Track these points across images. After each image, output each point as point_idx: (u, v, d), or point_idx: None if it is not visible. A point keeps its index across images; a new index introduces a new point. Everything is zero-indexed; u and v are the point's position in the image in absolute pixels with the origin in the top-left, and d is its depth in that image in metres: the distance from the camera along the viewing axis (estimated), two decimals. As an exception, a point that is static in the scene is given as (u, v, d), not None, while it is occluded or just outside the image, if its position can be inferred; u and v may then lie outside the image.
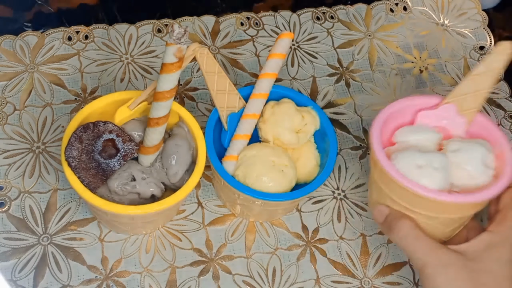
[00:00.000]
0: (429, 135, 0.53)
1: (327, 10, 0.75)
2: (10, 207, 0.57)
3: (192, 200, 0.60)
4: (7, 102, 0.62)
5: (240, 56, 0.70)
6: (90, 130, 0.51)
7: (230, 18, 0.72)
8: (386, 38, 0.74)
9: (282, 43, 0.56)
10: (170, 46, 0.45)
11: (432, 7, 0.78)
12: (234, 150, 0.55)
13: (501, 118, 0.70)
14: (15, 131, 0.61)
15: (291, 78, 0.69)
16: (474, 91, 0.53)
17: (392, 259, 0.60)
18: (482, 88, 0.53)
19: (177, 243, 0.57)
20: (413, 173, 0.49)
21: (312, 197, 0.62)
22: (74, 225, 0.57)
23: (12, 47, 0.66)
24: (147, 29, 0.70)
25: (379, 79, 0.71)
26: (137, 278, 0.55)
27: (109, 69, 0.66)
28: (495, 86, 0.73)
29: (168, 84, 0.48)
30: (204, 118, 0.64)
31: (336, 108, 0.68)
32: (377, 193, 0.53)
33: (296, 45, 0.72)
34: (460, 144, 0.52)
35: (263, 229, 0.59)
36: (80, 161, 0.50)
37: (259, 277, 0.57)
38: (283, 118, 0.55)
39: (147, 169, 0.53)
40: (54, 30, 0.68)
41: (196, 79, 0.67)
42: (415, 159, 0.50)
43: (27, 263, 0.55)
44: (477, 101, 0.53)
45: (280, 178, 0.54)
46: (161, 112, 0.49)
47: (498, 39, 0.77)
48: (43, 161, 0.60)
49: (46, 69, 0.65)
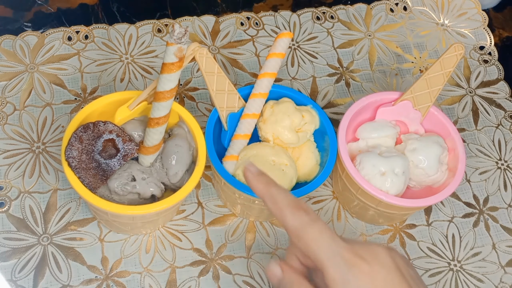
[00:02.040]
0: (388, 131, 0.59)
1: (327, 10, 0.75)
2: (10, 207, 0.57)
3: (192, 200, 0.60)
4: (7, 102, 0.62)
5: (240, 56, 0.70)
6: (90, 130, 0.51)
7: (230, 18, 0.72)
8: (386, 38, 0.74)
9: (281, 42, 0.56)
10: (171, 46, 0.45)
11: (432, 7, 0.78)
12: (234, 150, 0.55)
13: (501, 118, 0.70)
14: (15, 131, 0.61)
15: (291, 78, 0.69)
16: (428, 89, 0.59)
17: (392, 259, 0.60)
18: (435, 86, 0.59)
19: (177, 243, 0.57)
20: (376, 179, 0.55)
21: (312, 197, 0.62)
22: (74, 225, 0.57)
23: (12, 47, 0.66)
24: (147, 29, 0.70)
25: (379, 79, 0.71)
26: (137, 278, 0.55)
27: (109, 69, 0.66)
28: (495, 86, 0.73)
29: (169, 84, 0.48)
30: (204, 118, 0.64)
31: (336, 108, 0.68)
32: (342, 187, 0.59)
33: (296, 45, 0.72)
34: (417, 144, 0.58)
35: (263, 229, 0.59)
36: (80, 161, 0.50)
37: (259, 277, 0.57)
38: (283, 117, 0.55)
39: (147, 169, 0.53)
40: (54, 30, 0.68)
41: (196, 79, 0.67)
42: (378, 165, 0.55)
43: (27, 263, 0.55)
44: (430, 98, 0.59)
45: (281, 177, 0.54)
46: (162, 112, 0.49)
47: (498, 39, 0.77)
48: (43, 161, 0.60)
49: (46, 69, 0.65)
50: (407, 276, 0.41)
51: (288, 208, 0.41)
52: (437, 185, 0.58)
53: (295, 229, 0.41)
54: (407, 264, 0.42)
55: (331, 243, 0.40)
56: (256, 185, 0.44)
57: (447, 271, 0.60)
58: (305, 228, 0.40)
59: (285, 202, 0.42)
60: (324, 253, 0.39)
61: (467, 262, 0.61)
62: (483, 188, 0.65)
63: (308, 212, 0.41)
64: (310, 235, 0.40)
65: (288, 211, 0.41)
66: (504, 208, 0.65)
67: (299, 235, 0.40)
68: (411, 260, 0.60)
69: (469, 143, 0.68)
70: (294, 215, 0.41)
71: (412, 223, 0.62)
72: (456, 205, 0.64)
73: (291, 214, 0.41)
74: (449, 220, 0.63)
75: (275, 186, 0.43)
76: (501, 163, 0.67)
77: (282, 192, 0.42)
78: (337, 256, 0.39)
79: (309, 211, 0.41)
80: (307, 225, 0.40)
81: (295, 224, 0.41)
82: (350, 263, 0.39)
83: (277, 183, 0.43)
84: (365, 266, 0.39)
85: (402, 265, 0.41)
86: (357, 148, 0.59)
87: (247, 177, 0.44)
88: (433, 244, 0.61)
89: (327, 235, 0.40)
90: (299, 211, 0.41)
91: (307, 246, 0.40)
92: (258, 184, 0.44)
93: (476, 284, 0.60)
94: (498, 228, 0.63)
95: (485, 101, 0.71)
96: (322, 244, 0.40)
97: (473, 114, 0.70)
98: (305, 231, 0.40)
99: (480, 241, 0.62)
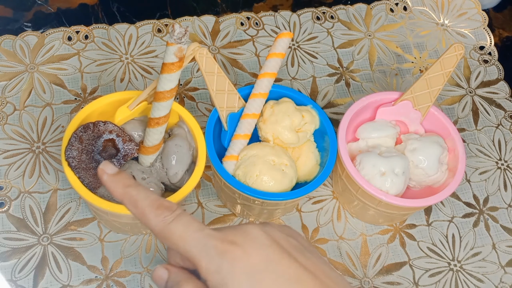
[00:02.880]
0: (388, 131, 0.59)
1: (327, 10, 0.75)
2: (10, 207, 0.57)
3: (192, 200, 0.60)
4: (7, 102, 0.62)
5: (240, 56, 0.70)
6: (90, 130, 0.51)
7: (230, 18, 0.72)
8: (386, 38, 0.74)
9: (281, 42, 0.56)
10: (171, 46, 0.45)
11: (432, 7, 0.78)
12: (234, 150, 0.55)
13: (501, 118, 0.70)
14: (15, 131, 0.61)
15: (291, 78, 0.69)
16: (428, 89, 0.59)
17: (392, 259, 0.60)
18: (435, 86, 0.59)
19: (177, 243, 0.57)
20: (376, 179, 0.55)
21: (312, 197, 0.62)
22: (74, 225, 0.57)
23: (12, 47, 0.66)
24: (147, 29, 0.70)
25: (379, 79, 0.71)
26: (137, 278, 0.55)
27: (109, 69, 0.66)
28: (495, 86, 0.73)
29: (169, 84, 0.48)
30: (204, 118, 0.64)
31: (336, 108, 0.68)
32: (342, 187, 0.59)
33: (296, 45, 0.72)
34: (417, 144, 0.58)
35: (263, 229, 0.59)
36: (80, 161, 0.50)
37: (259, 277, 0.57)
38: (283, 117, 0.55)
39: (147, 169, 0.53)
40: (54, 30, 0.68)
41: (196, 79, 0.67)
42: (378, 165, 0.55)
43: (27, 263, 0.55)
44: (430, 98, 0.59)
45: (281, 177, 0.53)
46: (162, 112, 0.49)
47: (498, 39, 0.77)
48: (43, 161, 0.60)
49: (46, 69, 0.65)
50: (288, 247, 0.38)
51: (149, 208, 0.39)
52: (437, 185, 0.58)
53: (160, 230, 0.38)
54: (288, 235, 0.40)
55: (198, 235, 0.37)
56: (115, 189, 0.41)
57: (447, 271, 0.60)
58: (169, 226, 0.38)
59: (146, 203, 0.39)
60: (193, 247, 0.37)
61: (467, 262, 0.61)
62: (483, 188, 0.65)
63: (172, 209, 0.38)
64: (176, 232, 0.38)
65: (150, 212, 0.39)
66: (504, 208, 0.65)
67: (166, 236, 0.38)
68: (411, 260, 0.60)
69: (469, 143, 0.68)
70: (157, 215, 0.38)
71: (412, 223, 0.62)
72: (456, 205, 0.64)
73: (154, 214, 0.38)
74: (449, 220, 0.63)
75: (135, 186, 0.40)
76: (501, 163, 0.67)
77: (142, 192, 0.40)
78: (207, 247, 0.37)
79: (173, 207, 0.39)
80: (171, 223, 0.38)
81: (159, 225, 0.38)
82: (222, 251, 0.37)
83: (137, 183, 0.41)
84: (237, 249, 0.37)
85: (280, 237, 0.39)
86: (357, 148, 0.59)
87: (102, 179, 0.41)
88: (433, 244, 0.61)
89: (194, 228, 0.38)
90: (161, 210, 0.39)
91: (176, 245, 0.38)
92: (117, 188, 0.41)
93: (476, 284, 0.60)
94: (498, 228, 0.63)
95: (485, 101, 0.71)
96: (189, 238, 0.37)
97: (473, 114, 0.70)
98: (170, 230, 0.38)
99: (480, 241, 0.62)
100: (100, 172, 0.42)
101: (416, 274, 0.59)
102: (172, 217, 0.38)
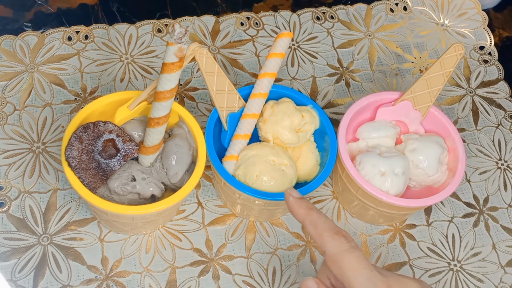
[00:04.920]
0: (388, 131, 0.59)
1: (327, 10, 0.75)
2: (10, 207, 0.57)
3: (192, 200, 0.60)
4: (7, 102, 0.62)
5: (240, 56, 0.70)
6: (90, 130, 0.51)
7: (230, 18, 0.72)
8: (386, 38, 0.74)
9: (281, 42, 0.56)
10: (171, 46, 0.45)
11: (432, 7, 0.78)
12: (234, 150, 0.55)
13: (501, 118, 0.70)
14: (15, 131, 0.61)
15: (291, 78, 0.69)
16: (428, 89, 0.59)
17: (392, 259, 0.60)
18: (435, 86, 0.59)
19: (177, 243, 0.57)
20: (376, 179, 0.55)
21: (312, 197, 0.62)
22: (74, 225, 0.57)
23: (12, 47, 0.66)
24: (147, 29, 0.70)
25: (379, 79, 0.71)
26: (137, 278, 0.55)
27: (109, 69, 0.66)
28: (495, 86, 0.73)
29: (169, 84, 0.48)
30: (204, 118, 0.64)
31: (336, 108, 0.68)
32: (342, 187, 0.59)
33: (296, 45, 0.72)
34: (417, 144, 0.58)
35: (263, 229, 0.59)
36: (80, 161, 0.50)
37: (259, 277, 0.57)
38: (283, 117, 0.55)
39: (147, 169, 0.53)
40: (54, 30, 0.68)
41: (196, 79, 0.67)
42: (378, 165, 0.55)
43: (27, 263, 0.55)
44: (430, 98, 0.59)
45: (281, 177, 0.54)
46: (162, 112, 0.49)
47: (498, 39, 0.77)
48: (43, 161, 0.60)
49: (46, 69, 0.65)
50: None
51: (328, 232, 0.43)
52: (437, 185, 0.58)
53: (333, 255, 0.42)
54: None
55: (367, 273, 0.41)
56: (298, 210, 0.45)
57: (447, 271, 0.60)
58: (343, 254, 0.42)
59: (325, 226, 0.43)
60: (359, 283, 0.41)
61: (467, 262, 0.61)
62: (483, 188, 0.65)
63: (348, 239, 0.42)
64: (347, 262, 0.41)
65: (328, 235, 0.43)
66: (504, 208, 0.65)
67: (336, 261, 0.42)
68: (411, 260, 0.60)
69: (469, 143, 0.68)
70: (334, 240, 0.42)
71: (412, 223, 0.62)
72: (456, 205, 0.64)
73: (332, 238, 0.42)
74: (449, 220, 0.63)
75: (316, 211, 0.45)
76: (501, 163, 0.67)
77: (322, 216, 0.44)
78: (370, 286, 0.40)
79: (349, 238, 0.43)
80: (346, 252, 0.42)
81: (333, 250, 0.42)
82: None
83: (317, 208, 0.45)
84: None
85: None
86: (357, 148, 0.59)
87: (288, 202, 0.46)
88: (433, 244, 0.61)
89: (364, 265, 0.41)
90: (339, 236, 0.42)
91: (343, 272, 0.41)
92: (300, 209, 0.45)
93: (476, 284, 0.60)
94: (498, 228, 0.63)
95: (485, 101, 0.71)
96: (359, 273, 0.41)
97: (473, 114, 0.70)
98: (342, 258, 0.41)
99: (480, 241, 0.62)
100: (287, 195, 0.46)
101: (416, 274, 0.59)
102: (347, 246, 0.42)
